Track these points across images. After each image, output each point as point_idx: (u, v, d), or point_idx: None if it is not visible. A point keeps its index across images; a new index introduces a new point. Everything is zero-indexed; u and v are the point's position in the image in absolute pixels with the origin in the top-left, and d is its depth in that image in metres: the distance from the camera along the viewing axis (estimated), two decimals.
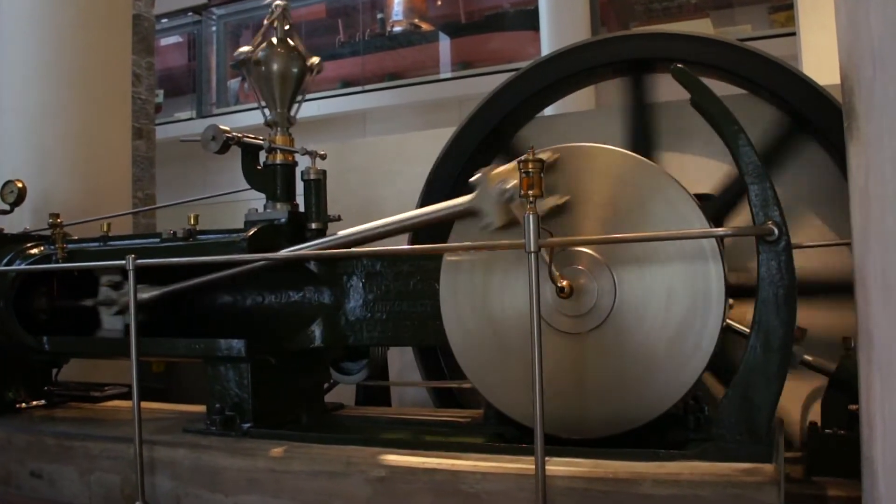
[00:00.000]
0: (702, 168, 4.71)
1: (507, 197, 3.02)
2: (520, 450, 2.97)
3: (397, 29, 15.22)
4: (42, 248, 4.48)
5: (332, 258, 3.70)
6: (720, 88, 3.32)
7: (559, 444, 2.93)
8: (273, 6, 3.98)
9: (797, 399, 4.43)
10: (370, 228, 3.55)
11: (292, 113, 4.06)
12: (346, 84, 14.56)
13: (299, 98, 4.09)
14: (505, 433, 3.33)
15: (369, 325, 3.70)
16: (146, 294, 3.76)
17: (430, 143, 5.36)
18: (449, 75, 14.10)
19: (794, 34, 8.95)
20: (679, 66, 2.95)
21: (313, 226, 3.95)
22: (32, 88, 5.86)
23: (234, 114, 14.76)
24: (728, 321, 3.06)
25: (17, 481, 3.99)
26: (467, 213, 3.19)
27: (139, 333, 3.52)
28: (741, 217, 4.29)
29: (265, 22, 4.02)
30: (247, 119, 12.20)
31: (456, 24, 14.87)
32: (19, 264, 4.36)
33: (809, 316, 3.79)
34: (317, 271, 3.78)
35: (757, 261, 2.77)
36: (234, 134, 3.92)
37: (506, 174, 3.04)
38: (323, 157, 4.05)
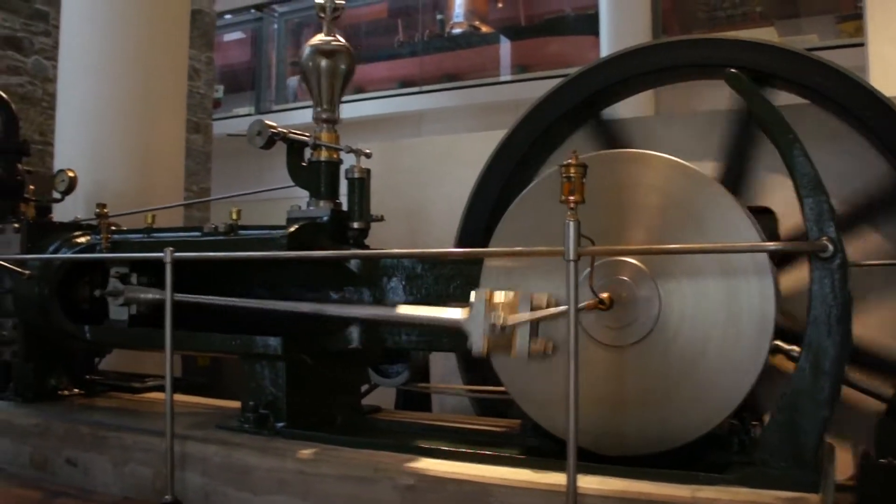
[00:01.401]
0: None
1: (494, 331, 2.92)
2: (552, 464, 2.87)
3: (457, 30, 15.15)
4: (88, 237, 4.51)
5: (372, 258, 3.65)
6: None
7: (594, 461, 2.82)
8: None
9: None
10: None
11: (336, 111, 4.01)
12: (404, 84, 14.55)
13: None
14: (541, 446, 3.23)
15: (408, 328, 3.63)
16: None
17: (481, 145, 5.26)
18: (507, 78, 13.99)
19: (862, 45, 8.67)
20: (733, 71, 2.83)
21: (355, 225, 3.89)
22: (89, 80, 5.91)
23: (291, 111, 14.85)
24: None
25: (52, 468, 4.01)
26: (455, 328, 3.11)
27: (174, 327, 3.50)
28: None
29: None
30: (305, 116, 12.24)
31: (516, 26, 14.75)
32: (65, 252, 4.39)
33: None
34: (357, 271, 3.73)
35: (809, 278, 2.63)
36: (280, 129, 3.89)
37: (503, 307, 2.93)
38: (368, 156, 3.99)
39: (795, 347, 3.32)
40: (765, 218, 3.67)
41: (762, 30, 11.64)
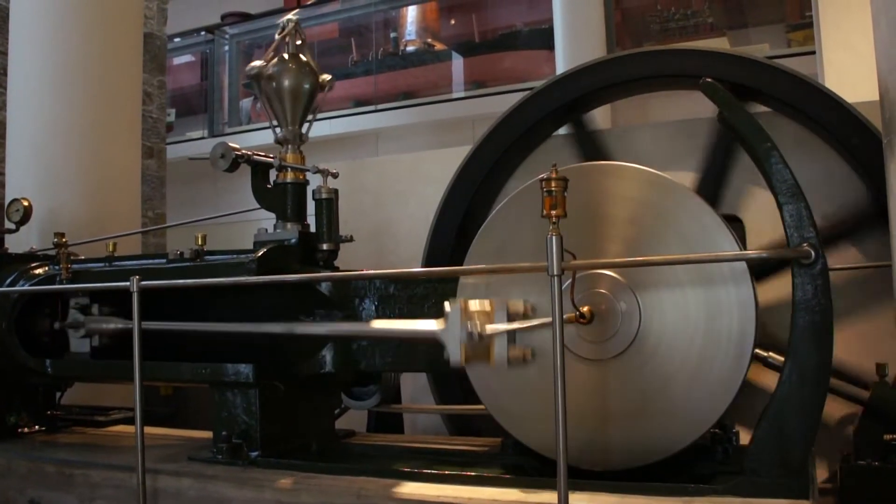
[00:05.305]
0: None
1: (472, 340, 2.75)
2: (541, 483, 2.82)
3: (410, 48, 15.12)
4: (46, 268, 4.37)
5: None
6: None
7: (580, 477, 2.78)
8: (284, 21, 3.88)
9: None
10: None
11: (304, 130, 3.95)
12: (359, 103, 14.44)
13: (310, 118, 3.98)
14: (524, 464, 3.19)
15: (382, 350, 3.56)
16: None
17: (445, 163, 5.25)
18: (462, 94, 13.98)
19: (812, 53, 8.83)
20: (708, 79, 2.83)
21: (324, 246, 3.83)
22: (42, 106, 5.77)
23: (245, 133, 14.66)
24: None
25: None
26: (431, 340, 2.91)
27: (143, 358, 3.39)
28: None
29: (277, 37, 3.92)
30: (259, 138, 12.10)
31: (469, 43, 14.75)
32: (23, 285, 4.24)
33: None
34: (328, 294, 3.65)
35: (792, 285, 2.63)
36: (244, 151, 3.82)
37: (479, 315, 2.78)
38: (335, 176, 3.93)
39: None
40: (733, 226, 3.69)
41: (715, 40, 11.80)
